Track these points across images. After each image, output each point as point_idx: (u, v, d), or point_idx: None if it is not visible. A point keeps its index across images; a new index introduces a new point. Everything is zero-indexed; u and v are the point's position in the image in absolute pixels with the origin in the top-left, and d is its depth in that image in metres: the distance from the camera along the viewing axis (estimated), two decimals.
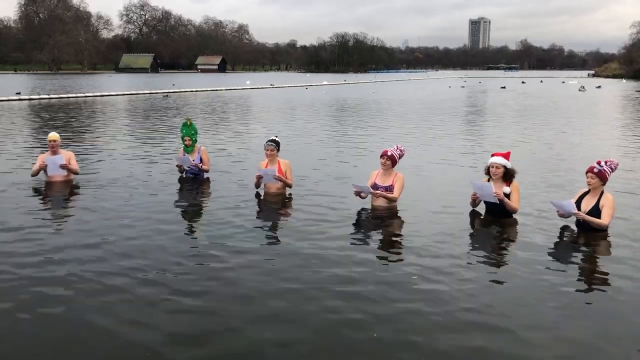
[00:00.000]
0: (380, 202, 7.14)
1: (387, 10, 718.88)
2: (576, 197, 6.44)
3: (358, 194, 7.18)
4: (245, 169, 9.89)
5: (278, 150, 7.91)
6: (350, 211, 7.08)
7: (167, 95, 37.39)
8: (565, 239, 6.16)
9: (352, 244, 5.89)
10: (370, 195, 7.19)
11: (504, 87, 55.03)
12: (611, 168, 6.25)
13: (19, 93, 35.47)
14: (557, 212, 6.43)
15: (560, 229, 6.38)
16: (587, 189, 6.38)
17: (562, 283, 4.87)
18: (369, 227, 6.66)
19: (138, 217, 6.78)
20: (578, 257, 5.65)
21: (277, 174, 7.61)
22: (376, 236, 6.26)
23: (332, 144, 13.71)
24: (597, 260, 5.60)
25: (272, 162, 7.84)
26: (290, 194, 7.84)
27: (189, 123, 8.90)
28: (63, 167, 8.42)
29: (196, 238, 6.07)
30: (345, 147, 13.03)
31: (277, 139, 8.01)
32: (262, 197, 7.78)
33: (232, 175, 9.35)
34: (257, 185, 7.97)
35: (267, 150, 7.83)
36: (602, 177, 6.19)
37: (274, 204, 7.53)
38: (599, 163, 6.24)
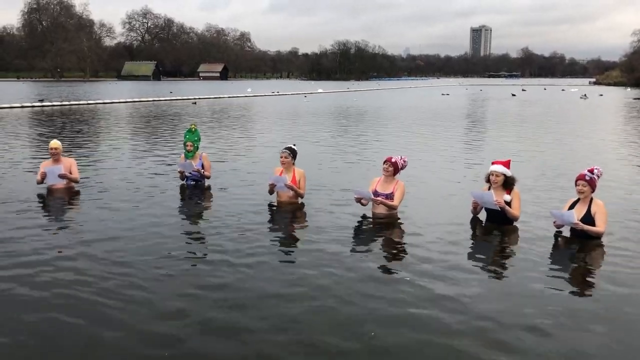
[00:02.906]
0: (381, 210, 7.15)
1: (390, 18, 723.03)
2: (566, 206, 6.45)
3: (359, 200, 7.18)
4: (246, 175, 9.93)
5: (294, 158, 7.83)
6: (350, 218, 7.09)
7: (194, 102, 38.14)
8: (564, 245, 6.17)
9: (351, 250, 5.90)
10: (370, 203, 7.20)
11: (515, 95, 54.73)
12: (598, 175, 6.29)
13: (42, 100, 36.02)
14: (554, 222, 6.45)
15: (560, 236, 6.40)
16: (575, 198, 6.40)
17: (563, 290, 4.89)
18: (369, 234, 6.68)
19: (139, 224, 6.79)
20: (578, 263, 5.66)
21: (288, 183, 7.59)
22: (376, 243, 6.26)
23: (330, 150, 13.74)
24: (596, 266, 5.61)
25: (288, 170, 7.79)
26: (302, 203, 7.81)
27: (193, 129, 8.94)
28: (62, 176, 8.48)
29: (198, 244, 6.08)
30: (345, 154, 13.06)
31: (294, 147, 7.95)
32: (269, 205, 7.77)
33: (234, 182, 9.37)
34: (271, 192, 7.88)
35: (282, 156, 7.77)
36: (592, 184, 6.23)
37: (278, 212, 7.54)
38: (590, 171, 6.26)
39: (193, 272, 5.23)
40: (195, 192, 8.64)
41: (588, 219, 6.15)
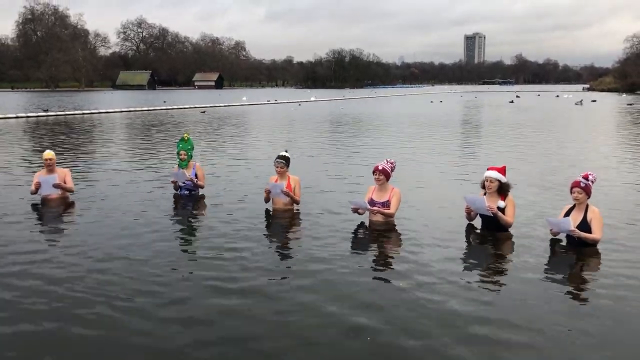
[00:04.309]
0: (378, 217, 7.15)
1: (386, 27, 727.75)
2: (562, 213, 6.43)
3: (355, 210, 7.19)
4: (240, 184, 9.94)
5: (288, 166, 7.86)
6: (347, 225, 7.09)
7: (204, 111, 38.58)
8: (559, 253, 6.17)
9: (348, 258, 5.88)
10: (367, 211, 7.20)
11: (512, 102, 54.78)
12: (592, 181, 6.28)
13: (47, 110, 36.57)
14: (550, 230, 6.43)
15: (554, 243, 6.39)
16: (571, 205, 6.39)
17: (558, 297, 4.89)
18: (366, 241, 6.67)
19: (133, 234, 6.77)
20: (572, 271, 5.67)
21: (284, 189, 7.60)
22: (373, 250, 6.27)
23: (325, 157, 13.74)
24: (591, 272, 5.61)
25: (282, 178, 7.82)
26: (298, 210, 7.83)
27: (186, 138, 8.92)
28: (56, 186, 8.45)
29: (193, 253, 6.06)
30: (340, 161, 13.07)
31: (286, 154, 7.96)
32: (266, 212, 7.79)
33: (228, 191, 9.35)
34: (267, 200, 7.92)
35: (277, 167, 7.79)
36: (588, 191, 6.22)
37: (275, 219, 7.54)
38: (585, 177, 6.25)
39: (189, 280, 5.21)
40: (189, 201, 8.62)
41: (584, 226, 6.13)
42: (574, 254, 6.04)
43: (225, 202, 8.53)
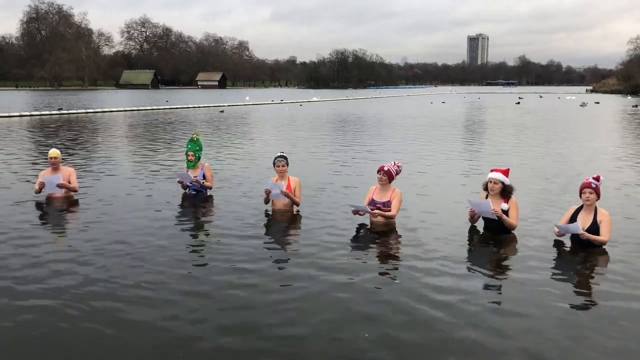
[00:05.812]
0: (379, 218, 7.17)
1: (389, 28, 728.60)
2: (568, 214, 6.44)
3: (356, 212, 7.21)
4: (246, 184, 9.96)
5: (288, 165, 7.86)
6: (347, 226, 7.11)
7: (222, 111, 38.94)
8: (563, 254, 6.18)
9: (348, 259, 5.91)
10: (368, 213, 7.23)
11: (519, 103, 54.70)
12: (600, 183, 6.30)
13: (61, 109, 37.00)
14: (557, 233, 6.44)
15: (559, 245, 6.41)
16: (577, 206, 6.40)
17: (562, 300, 4.89)
18: (366, 242, 6.68)
19: (137, 233, 6.80)
20: (577, 273, 5.67)
21: (284, 190, 7.60)
22: (373, 251, 6.29)
23: (327, 157, 13.76)
24: (596, 275, 5.60)
25: (282, 178, 7.82)
26: (298, 211, 7.85)
27: (195, 138, 8.93)
28: (60, 186, 8.49)
29: (198, 255, 6.09)
30: (341, 161, 13.08)
31: (284, 154, 7.98)
32: (266, 213, 7.80)
33: (235, 192, 9.38)
34: (266, 201, 7.90)
35: (279, 166, 7.77)
36: (598, 192, 6.23)
37: (275, 220, 7.55)
38: (596, 178, 6.27)
39: (191, 276, 5.26)
40: (195, 201, 8.64)
41: (594, 227, 6.12)
42: (580, 256, 6.03)
43: (230, 203, 8.54)
